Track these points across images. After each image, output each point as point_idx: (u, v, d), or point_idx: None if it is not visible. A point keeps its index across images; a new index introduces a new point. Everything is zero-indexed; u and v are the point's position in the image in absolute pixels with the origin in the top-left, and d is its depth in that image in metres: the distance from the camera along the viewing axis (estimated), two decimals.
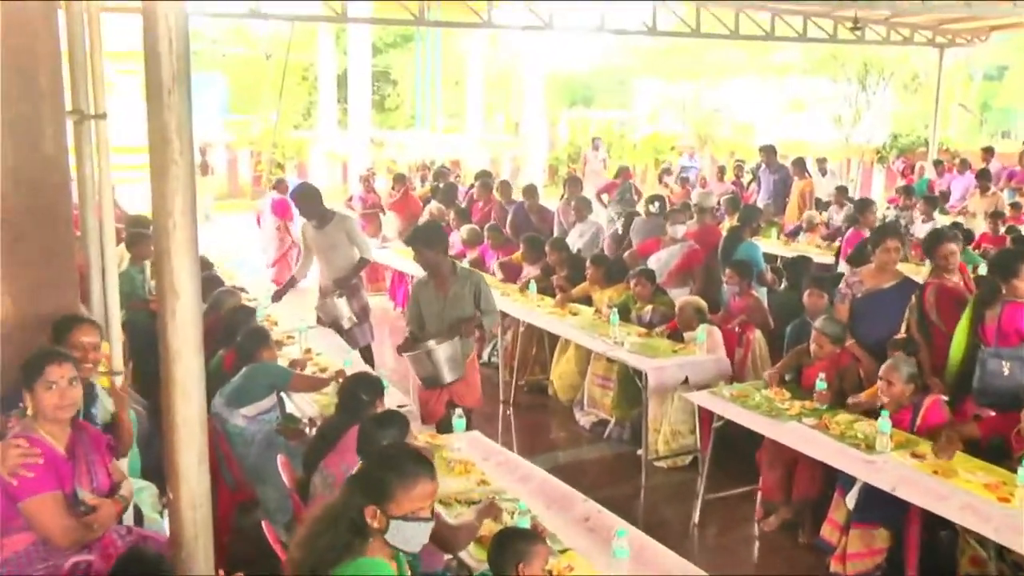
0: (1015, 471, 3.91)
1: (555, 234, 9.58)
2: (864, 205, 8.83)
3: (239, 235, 15.45)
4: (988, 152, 14.43)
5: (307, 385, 5.19)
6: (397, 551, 2.57)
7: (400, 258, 9.62)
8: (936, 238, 5.41)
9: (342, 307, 6.62)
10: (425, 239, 5.30)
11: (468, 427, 4.82)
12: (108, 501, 3.25)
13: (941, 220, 10.79)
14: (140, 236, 6.66)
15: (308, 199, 6.81)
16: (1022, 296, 4.69)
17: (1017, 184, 13.21)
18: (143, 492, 3.93)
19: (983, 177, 11.86)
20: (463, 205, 11.62)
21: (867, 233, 7.15)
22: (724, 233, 8.53)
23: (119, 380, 4.18)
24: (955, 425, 4.50)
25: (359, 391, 4.06)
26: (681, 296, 7.32)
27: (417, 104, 21.94)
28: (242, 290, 6.84)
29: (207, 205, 16.47)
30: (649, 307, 6.93)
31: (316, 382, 5.23)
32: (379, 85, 25.08)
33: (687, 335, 6.34)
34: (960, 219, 11.17)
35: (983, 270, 7.34)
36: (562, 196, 10.37)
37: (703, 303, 6.54)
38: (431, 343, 5.24)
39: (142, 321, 5.83)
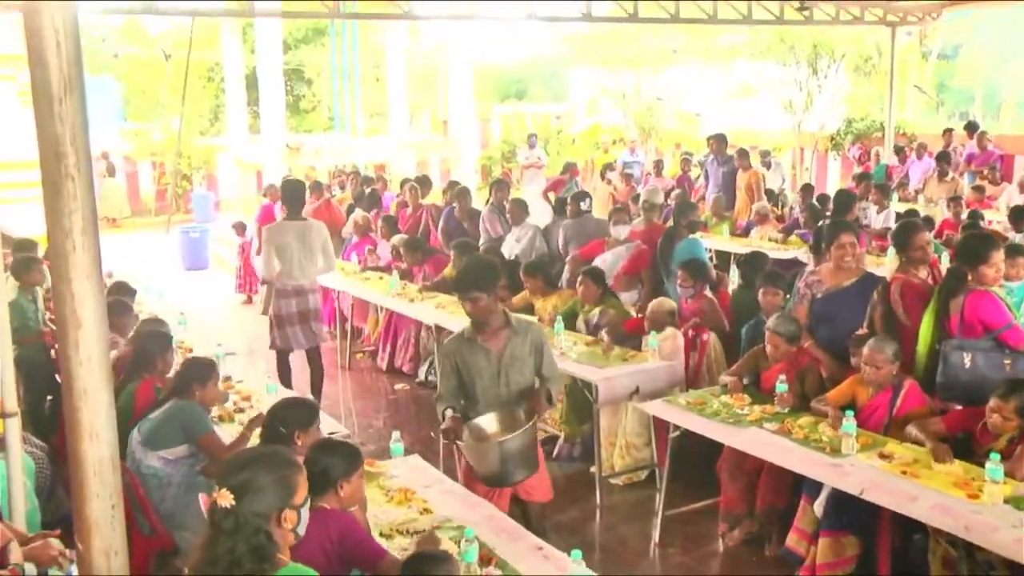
0: (983, 466, 4.07)
1: (484, 240, 9.64)
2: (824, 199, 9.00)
3: (147, 256, 15.18)
4: (949, 134, 14.88)
5: (219, 448, 4.77)
6: None
7: (333, 273, 9.57)
8: (909, 229, 5.50)
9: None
10: (477, 280, 4.35)
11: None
12: None
13: (898, 208, 11.11)
14: (29, 261, 6.52)
15: (297, 193, 7.60)
16: (988, 284, 4.87)
17: (977, 167, 13.64)
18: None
19: (942, 160, 12.19)
20: (391, 212, 11.63)
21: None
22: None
23: (14, 424, 4.09)
24: (929, 418, 4.68)
25: (289, 418, 4.02)
26: (630, 301, 7.45)
27: (335, 105, 21.79)
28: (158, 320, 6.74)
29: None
30: (597, 310, 6.99)
31: (233, 446, 4.79)
32: (292, 85, 24.86)
33: (650, 339, 6.44)
34: (918, 207, 11.52)
35: (946, 260, 7.56)
36: (487, 201, 10.41)
37: (674, 305, 6.63)
38: (496, 436, 4.33)
39: (36, 356, 5.71)
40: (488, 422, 4.41)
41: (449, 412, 4.41)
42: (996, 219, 10.37)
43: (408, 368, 9.04)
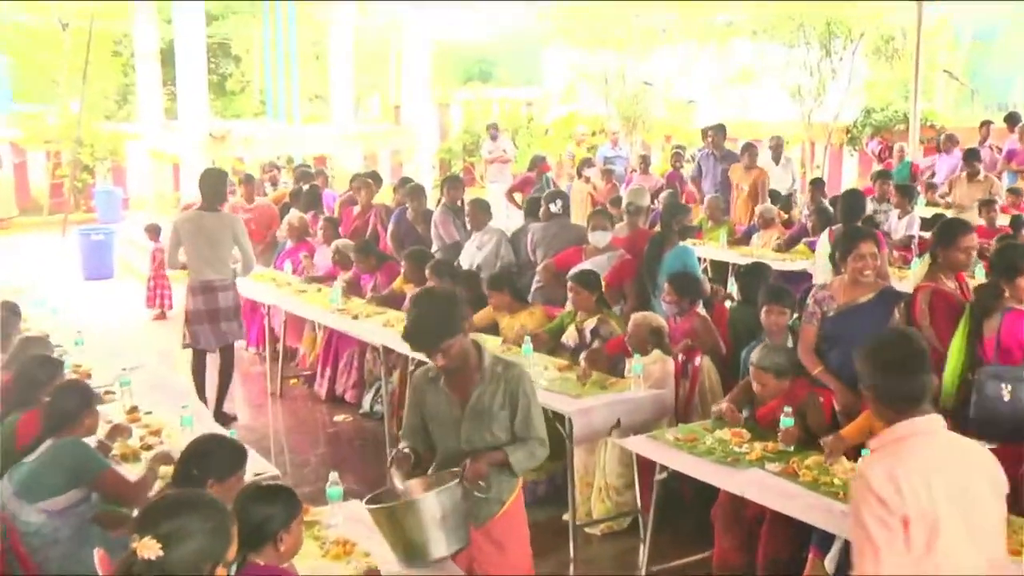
0: None
1: (436, 246, 9.67)
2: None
3: (39, 263, 15.00)
4: (986, 127, 15.03)
5: (124, 489, 4.69)
6: None
7: (255, 284, 9.53)
8: (957, 226, 5.52)
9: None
10: (440, 328, 4.16)
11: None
12: None
13: (924, 213, 11.24)
14: None
15: (216, 183, 8.34)
16: None
17: (1019, 166, 13.80)
18: None
19: (971, 158, 12.29)
20: (334, 214, 11.59)
21: None
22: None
23: None
24: None
25: (209, 463, 3.97)
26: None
27: (268, 86, 21.67)
28: (46, 338, 6.68)
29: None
30: (594, 320, 7.04)
31: (137, 488, 4.72)
32: (217, 62, 24.70)
33: (633, 363, 6.45)
34: (947, 211, 11.63)
35: (980, 273, 7.65)
36: (439, 201, 10.43)
37: (661, 322, 6.65)
38: (414, 489, 4.19)
39: None
40: (415, 484, 4.23)
41: (405, 450, 4.40)
42: None
43: (350, 396, 9.01)
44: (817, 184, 12.23)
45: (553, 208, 9.15)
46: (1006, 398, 4.79)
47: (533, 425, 4.35)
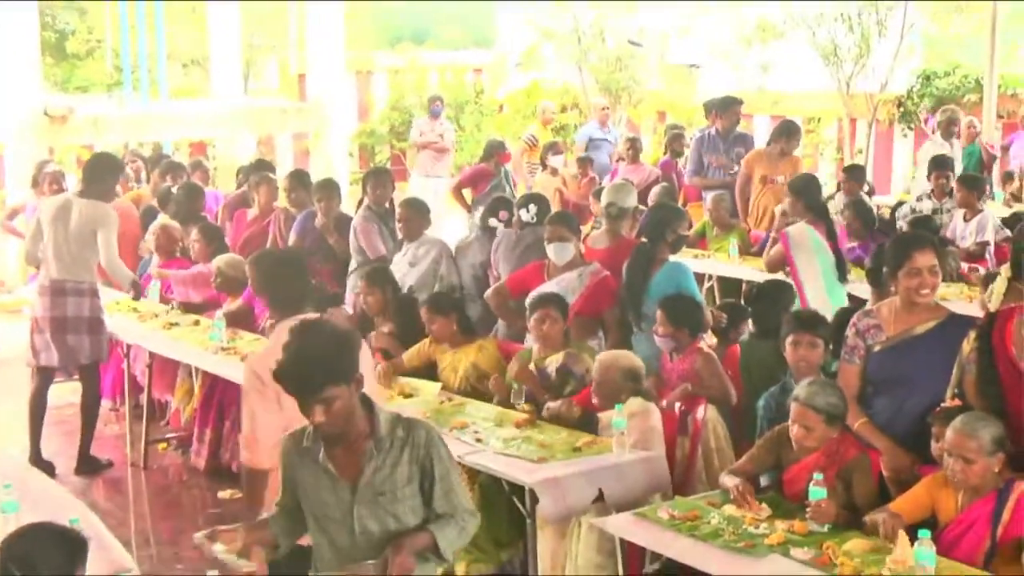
0: None
1: (355, 264, 9.64)
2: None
3: None
4: None
5: None
6: None
7: (120, 316, 9.47)
8: None
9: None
10: (327, 368, 4.28)
11: None
12: None
13: (1002, 212, 11.33)
14: None
15: (102, 168, 8.98)
16: None
17: None
18: None
19: None
20: (216, 219, 11.50)
21: None
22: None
23: None
24: None
25: (35, 559, 3.89)
26: None
27: (124, 48, 21.52)
28: None
29: None
30: (559, 356, 7.06)
31: None
32: (53, 16, 24.48)
33: (604, 417, 6.42)
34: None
35: None
36: (360, 201, 10.42)
37: (638, 362, 6.65)
38: None
39: None
40: None
41: (256, 552, 4.48)
42: None
43: (239, 466, 8.88)
44: (854, 173, 12.25)
45: (525, 216, 9.18)
46: None
47: (456, 496, 4.47)
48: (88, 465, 8.00)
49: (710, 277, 11.03)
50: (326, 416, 4.23)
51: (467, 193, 13.97)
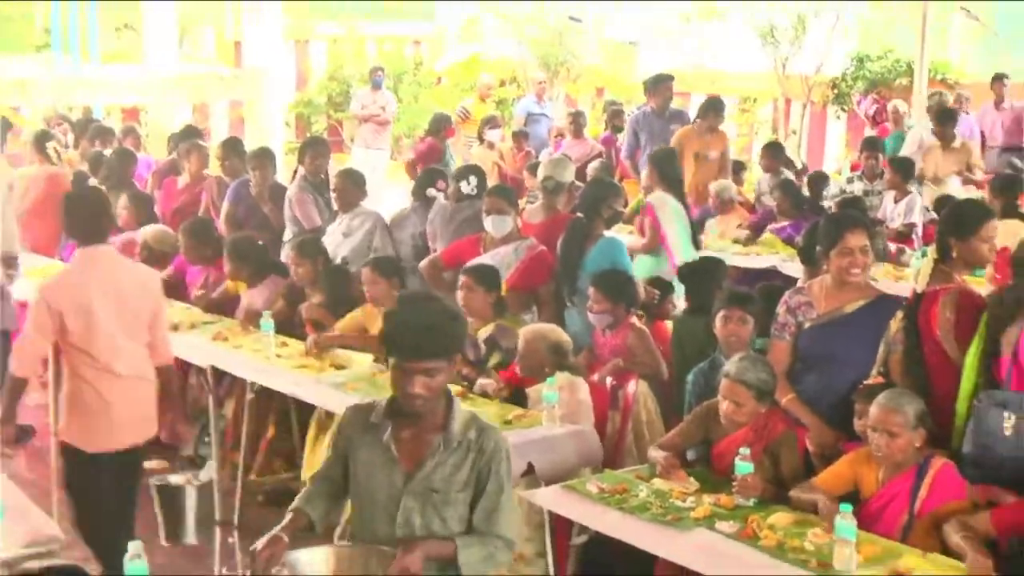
0: None
1: (289, 234, 9.59)
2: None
3: None
4: (999, 84, 15.37)
5: None
6: None
7: (31, 285, 9.26)
8: (975, 212, 5.63)
9: None
10: (445, 337, 4.18)
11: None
12: None
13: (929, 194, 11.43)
14: None
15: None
16: None
17: None
18: None
19: (944, 120, 12.64)
20: (148, 188, 11.38)
21: None
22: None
23: None
24: (973, 515, 4.80)
25: None
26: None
27: (54, 10, 21.22)
28: None
29: None
30: (489, 328, 7.06)
31: None
32: None
33: (533, 392, 6.43)
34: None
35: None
36: (295, 173, 10.36)
37: (564, 336, 6.65)
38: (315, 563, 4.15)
39: None
40: (319, 559, 4.14)
41: (288, 517, 4.29)
42: None
43: (166, 435, 8.82)
44: (773, 150, 12.42)
45: (466, 187, 9.15)
46: (1007, 432, 4.88)
47: (500, 519, 4.24)
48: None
49: None
50: (425, 389, 4.07)
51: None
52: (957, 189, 11.54)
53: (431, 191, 9.42)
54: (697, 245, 9.16)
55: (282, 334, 7.79)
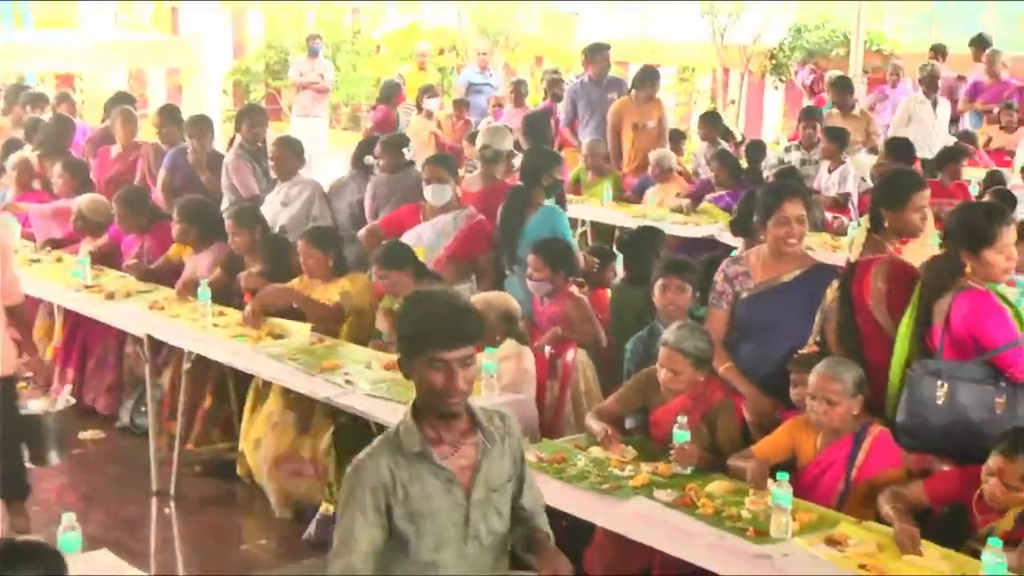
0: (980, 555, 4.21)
1: (226, 203, 9.51)
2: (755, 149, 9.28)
3: None
4: (938, 53, 15.50)
5: None
6: None
7: None
8: (907, 180, 5.68)
9: None
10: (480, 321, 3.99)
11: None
12: None
13: (866, 163, 11.52)
14: None
15: None
16: (994, 278, 5.07)
17: (985, 104, 14.21)
18: None
19: (842, 89, 12.90)
20: (82, 154, 11.26)
21: None
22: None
23: None
24: (907, 483, 4.87)
25: None
26: None
27: None
28: None
29: None
30: None
31: None
32: None
33: (482, 360, 6.42)
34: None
35: (934, 240, 7.87)
36: (232, 141, 10.27)
37: (514, 304, 6.65)
38: None
39: None
40: None
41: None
42: (1013, 183, 10.84)
43: (103, 405, 8.79)
44: (712, 119, 12.53)
45: (404, 156, 9.16)
46: (940, 400, 4.95)
47: (539, 492, 4.27)
48: None
49: (583, 222, 11.09)
50: (466, 384, 3.79)
51: None
52: (865, 158, 11.63)
53: (368, 159, 9.38)
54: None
55: (220, 303, 7.75)
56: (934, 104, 12.44)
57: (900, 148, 10.12)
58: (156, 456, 7.56)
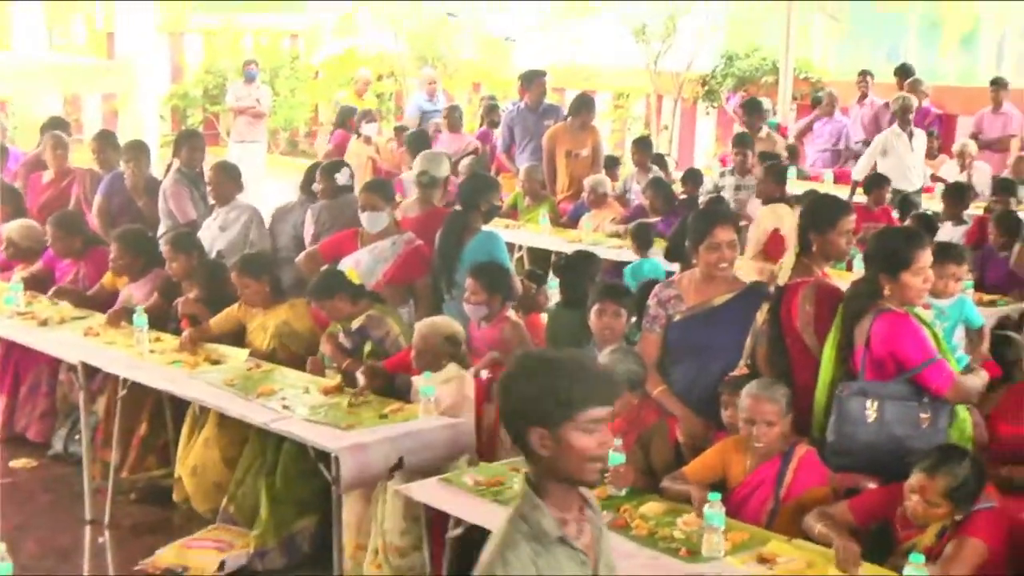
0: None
1: (164, 228, 9.49)
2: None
3: None
4: (864, 79, 15.79)
5: None
6: None
7: None
8: (833, 206, 5.79)
9: None
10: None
11: None
12: None
13: (797, 190, 11.67)
14: None
15: None
16: (911, 300, 5.20)
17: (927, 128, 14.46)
18: None
19: (751, 111, 13.31)
20: (15, 179, 11.19)
21: None
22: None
23: None
24: (831, 501, 4.97)
25: None
26: None
27: None
28: None
29: None
30: (360, 319, 7.11)
31: None
32: None
33: (421, 383, 6.44)
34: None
35: (858, 263, 8.03)
36: (169, 166, 10.21)
37: (458, 328, 6.70)
38: None
39: None
40: None
41: None
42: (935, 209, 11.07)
43: (36, 433, 8.69)
44: (643, 145, 12.66)
45: (339, 180, 9.13)
46: (870, 419, 5.06)
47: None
48: None
49: (520, 247, 11.14)
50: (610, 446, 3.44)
51: None
52: None
53: (315, 185, 9.37)
54: None
55: (157, 329, 7.73)
56: (910, 136, 12.53)
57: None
58: (90, 484, 7.48)
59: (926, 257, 5.20)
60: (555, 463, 3.27)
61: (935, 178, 13.06)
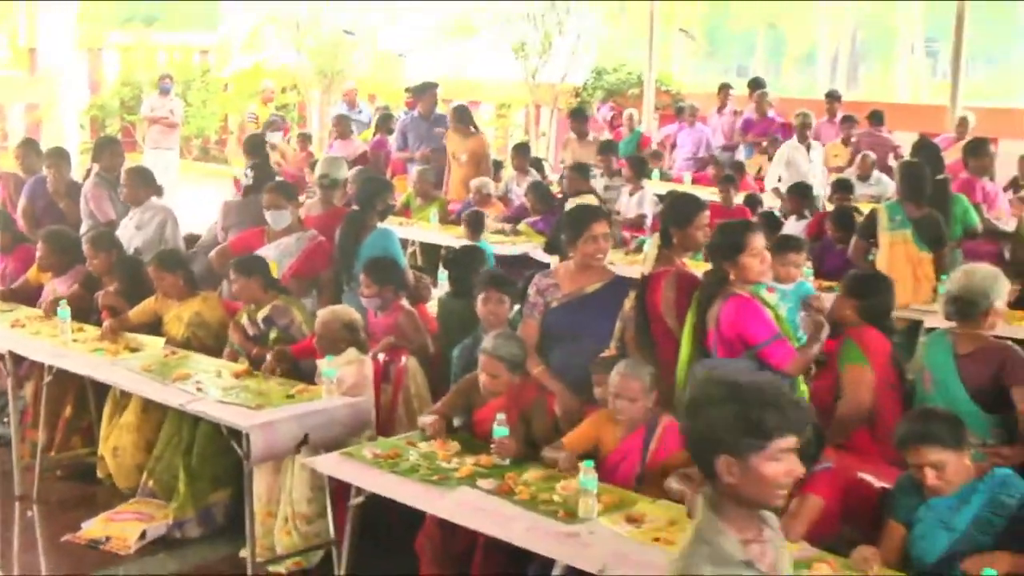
0: None
1: (85, 228, 9.32)
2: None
3: None
4: (725, 92, 16.05)
5: None
6: None
7: None
8: (690, 203, 5.86)
9: None
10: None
11: None
12: None
13: (660, 190, 11.83)
14: None
15: None
16: (752, 278, 5.33)
17: (756, 137, 14.74)
18: None
19: (577, 119, 13.61)
20: None
21: None
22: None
23: None
24: (690, 465, 5.00)
25: None
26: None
27: None
28: None
29: None
30: (266, 309, 7.05)
31: None
32: None
33: (324, 366, 6.40)
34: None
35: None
36: (88, 171, 10.09)
37: (356, 316, 6.66)
38: None
39: None
40: None
41: None
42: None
43: None
44: (522, 150, 12.79)
45: (245, 179, 9.07)
46: None
47: None
48: None
49: (413, 243, 11.13)
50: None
51: None
52: (600, 180, 12.06)
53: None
54: None
55: (79, 321, 7.62)
56: (808, 148, 12.64)
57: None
58: (19, 463, 7.39)
59: (759, 240, 5.34)
60: (741, 489, 3.03)
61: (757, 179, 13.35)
